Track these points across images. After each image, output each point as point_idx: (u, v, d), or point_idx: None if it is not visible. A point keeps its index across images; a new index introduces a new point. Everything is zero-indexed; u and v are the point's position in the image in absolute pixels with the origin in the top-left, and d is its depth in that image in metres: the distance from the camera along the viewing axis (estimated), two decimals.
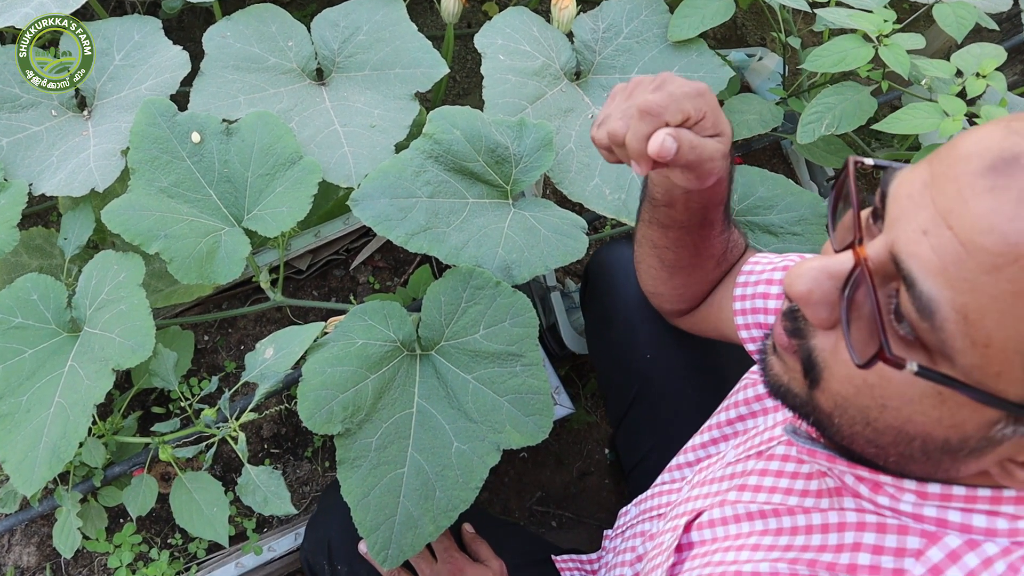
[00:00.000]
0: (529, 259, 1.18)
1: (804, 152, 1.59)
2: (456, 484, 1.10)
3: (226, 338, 1.51)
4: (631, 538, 1.11)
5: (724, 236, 1.01)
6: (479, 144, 1.19)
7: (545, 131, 1.22)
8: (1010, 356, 0.51)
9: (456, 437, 1.12)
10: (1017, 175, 0.50)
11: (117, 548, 1.31)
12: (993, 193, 0.50)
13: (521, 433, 1.13)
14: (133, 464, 1.31)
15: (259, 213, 1.22)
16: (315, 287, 1.56)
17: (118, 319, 1.12)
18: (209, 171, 1.23)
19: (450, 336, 1.15)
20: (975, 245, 0.50)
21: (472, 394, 1.14)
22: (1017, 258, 0.49)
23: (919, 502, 0.63)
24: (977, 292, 0.51)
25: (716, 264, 1.03)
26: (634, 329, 1.18)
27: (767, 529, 0.75)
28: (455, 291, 1.14)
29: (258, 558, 1.35)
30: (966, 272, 0.51)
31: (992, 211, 0.50)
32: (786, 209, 1.34)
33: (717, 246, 1.01)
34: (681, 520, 0.88)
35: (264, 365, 1.16)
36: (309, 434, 1.48)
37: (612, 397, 1.28)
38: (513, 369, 1.14)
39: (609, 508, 1.78)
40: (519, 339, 1.14)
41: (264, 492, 1.14)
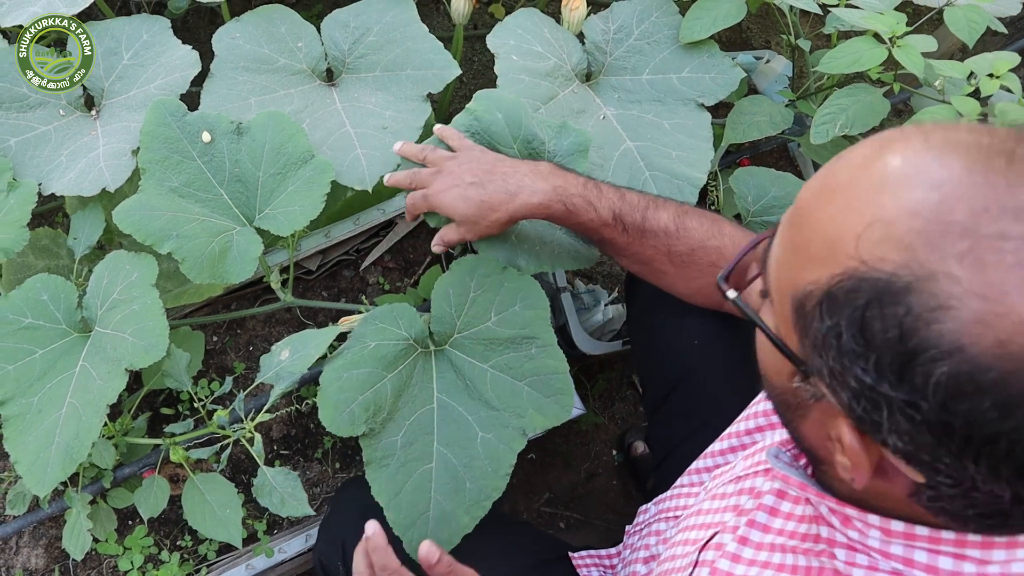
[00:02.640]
0: (539, 253, 1.17)
1: (812, 154, 1.58)
2: (485, 474, 1.11)
3: (235, 339, 1.49)
4: (646, 536, 1.10)
5: (644, 242, 1.06)
6: (517, 132, 1.17)
7: (584, 138, 1.20)
8: (786, 302, 0.59)
9: (480, 427, 1.12)
10: (847, 153, 0.59)
11: (127, 550, 1.28)
12: (820, 174, 0.60)
13: (544, 415, 1.13)
14: (143, 465, 1.29)
15: (271, 212, 1.20)
16: (324, 288, 1.54)
17: (131, 319, 1.10)
18: (220, 171, 1.21)
19: (462, 328, 1.14)
20: (792, 209, 0.61)
21: (490, 382, 1.13)
22: (799, 214, 0.59)
23: (885, 539, 0.63)
24: (781, 243, 0.61)
25: (673, 264, 1.07)
26: (683, 315, 1.16)
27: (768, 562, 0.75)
28: (462, 282, 1.14)
29: (269, 560, 1.33)
30: (782, 227, 0.61)
31: (816, 178, 0.60)
32: None
33: (646, 251, 1.07)
34: (692, 534, 0.89)
35: (280, 367, 1.15)
36: (319, 435, 1.46)
37: (651, 385, 1.26)
38: (529, 352, 1.14)
39: (617, 509, 1.77)
40: (531, 321, 1.14)
41: (281, 493, 1.13)
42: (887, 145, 0.56)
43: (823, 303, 0.55)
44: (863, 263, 0.52)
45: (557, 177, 1.06)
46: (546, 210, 1.05)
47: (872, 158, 0.56)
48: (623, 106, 1.41)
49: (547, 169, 1.07)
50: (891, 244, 0.51)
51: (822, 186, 0.58)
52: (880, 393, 0.52)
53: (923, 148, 0.54)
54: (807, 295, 0.56)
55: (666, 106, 1.40)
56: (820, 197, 0.57)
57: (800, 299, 0.57)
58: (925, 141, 0.54)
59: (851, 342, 0.53)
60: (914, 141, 0.55)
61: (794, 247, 0.59)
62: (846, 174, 0.57)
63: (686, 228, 1.06)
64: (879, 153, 0.56)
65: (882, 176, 0.54)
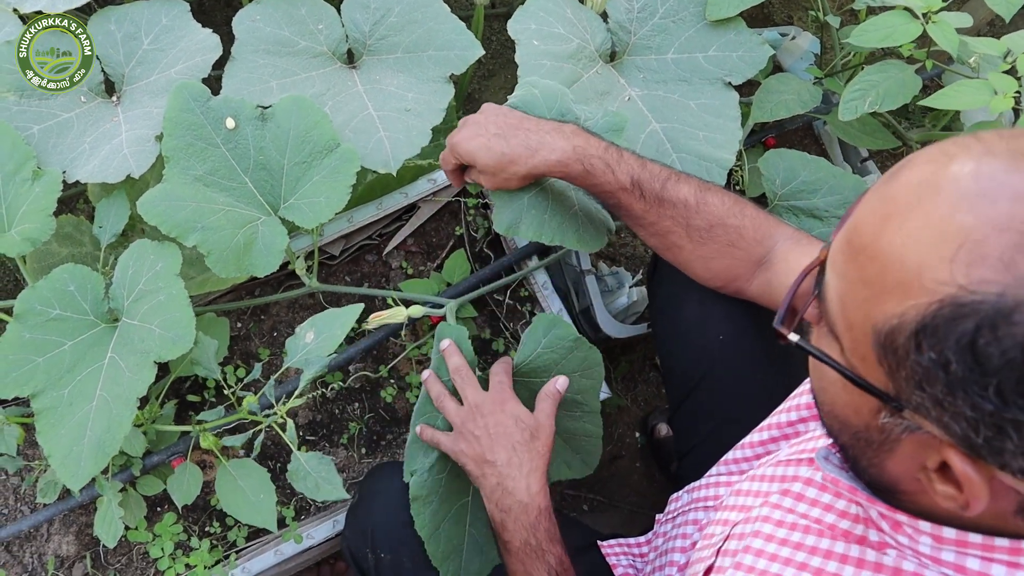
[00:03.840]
0: (545, 223, 1.17)
1: (839, 132, 1.57)
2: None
3: (259, 325, 1.49)
4: (682, 525, 1.10)
5: (662, 212, 1.06)
6: (553, 106, 1.17)
7: (620, 118, 1.20)
8: (866, 338, 0.56)
9: None
10: (897, 176, 0.56)
11: (158, 537, 1.29)
12: (872, 194, 0.58)
13: (570, 468, 1.23)
14: (172, 453, 1.29)
15: (296, 203, 1.20)
16: (347, 272, 1.54)
17: (157, 310, 1.10)
18: (244, 158, 1.20)
19: (519, 375, 1.15)
20: (851, 237, 0.58)
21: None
22: (864, 247, 0.56)
23: (936, 546, 0.63)
24: (846, 278, 0.58)
25: (691, 239, 1.06)
26: (708, 308, 1.15)
27: (802, 544, 0.76)
28: (534, 336, 1.15)
29: (297, 546, 1.34)
30: (841, 261, 0.59)
31: (868, 206, 0.57)
32: (829, 192, 1.32)
33: (663, 222, 1.06)
34: (731, 515, 0.88)
35: (306, 350, 1.15)
36: (344, 421, 1.47)
37: (675, 377, 1.25)
38: (573, 414, 1.20)
39: (641, 491, 1.78)
40: (585, 389, 1.19)
41: (315, 478, 1.14)
42: (946, 161, 0.54)
43: (919, 335, 0.52)
44: (961, 288, 0.50)
45: (579, 137, 1.06)
46: (564, 168, 1.06)
47: (934, 175, 0.53)
48: (648, 87, 1.39)
49: (570, 129, 1.08)
50: (988, 264, 0.49)
51: (883, 211, 0.55)
52: (1006, 418, 0.50)
53: (990, 159, 0.52)
54: (896, 329, 0.53)
55: (692, 86, 1.38)
56: (885, 223, 0.55)
57: (886, 333, 0.54)
58: (989, 152, 0.53)
59: (964, 371, 0.50)
60: (976, 152, 0.53)
61: (864, 280, 0.56)
62: (908, 195, 0.54)
63: (706, 203, 1.05)
64: (940, 170, 0.53)
65: (954, 193, 0.52)
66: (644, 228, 1.09)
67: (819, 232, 1.31)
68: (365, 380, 1.49)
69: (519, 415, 1.05)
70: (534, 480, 1.02)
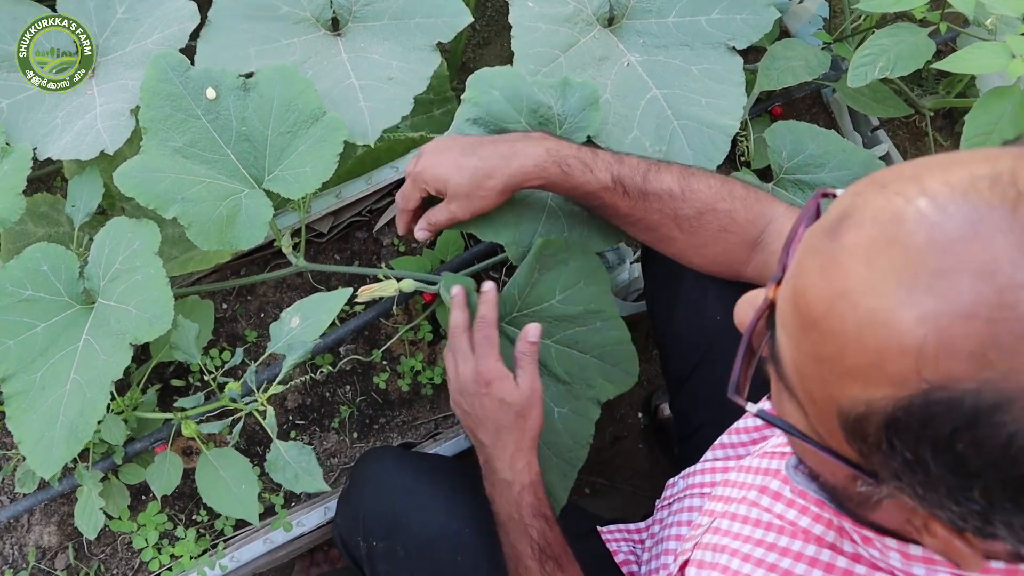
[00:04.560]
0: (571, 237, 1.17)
1: (849, 100, 1.53)
2: (568, 447, 1.16)
3: (245, 306, 1.46)
4: (678, 512, 1.08)
5: (648, 206, 1.03)
6: (520, 104, 1.14)
7: (590, 90, 1.16)
8: (830, 416, 0.52)
9: (555, 403, 1.16)
10: (841, 235, 0.50)
11: (142, 527, 1.26)
12: (816, 254, 0.51)
13: (613, 383, 1.19)
14: (154, 440, 1.26)
15: (281, 174, 1.16)
16: (337, 251, 1.50)
17: (134, 290, 1.06)
18: (226, 130, 1.17)
19: (523, 307, 1.16)
20: (798, 303, 0.52)
21: (556, 358, 1.16)
22: (816, 322, 0.50)
23: (906, 561, 0.62)
24: (800, 349, 0.53)
25: (681, 229, 1.03)
26: (704, 287, 1.11)
27: (775, 545, 0.76)
28: (529, 264, 1.14)
29: (287, 534, 1.31)
30: (792, 328, 0.53)
31: (813, 270, 0.51)
32: (837, 167, 1.28)
33: (651, 216, 1.03)
34: (717, 506, 0.89)
35: (290, 335, 1.12)
36: (335, 404, 1.44)
37: (673, 359, 1.22)
38: (595, 326, 1.18)
39: (644, 473, 1.75)
40: (596, 296, 1.17)
41: (295, 468, 1.10)
42: (893, 220, 0.48)
43: (890, 430, 0.48)
44: (930, 384, 0.45)
45: (549, 140, 1.04)
46: (542, 172, 1.02)
47: (884, 241, 0.48)
48: (648, 52, 1.34)
49: (538, 135, 1.05)
50: (958, 359, 0.44)
51: (832, 284, 0.50)
52: (995, 517, 0.47)
53: (939, 215, 0.46)
54: (864, 417, 0.49)
55: (694, 51, 1.34)
56: (836, 301, 0.49)
57: (853, 419, 0.50)
58: (934, 202, 0.46)
59: (944, 473, 0.47)
60: (922, 206, 0.47)
61: (819, 357, 0.51)
62: (858, 267, 0.48)
63: (692, 190, 1.02)
64: (889, 233, 0.47)
65: (906, 269, 0.46)
66: (633, 225, 1.07)
67: None
68: (357, 363, 1.46)
69: (504, 395, 1.03)
70: (518, 458, 1.03)
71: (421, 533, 1.09)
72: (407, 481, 1.14)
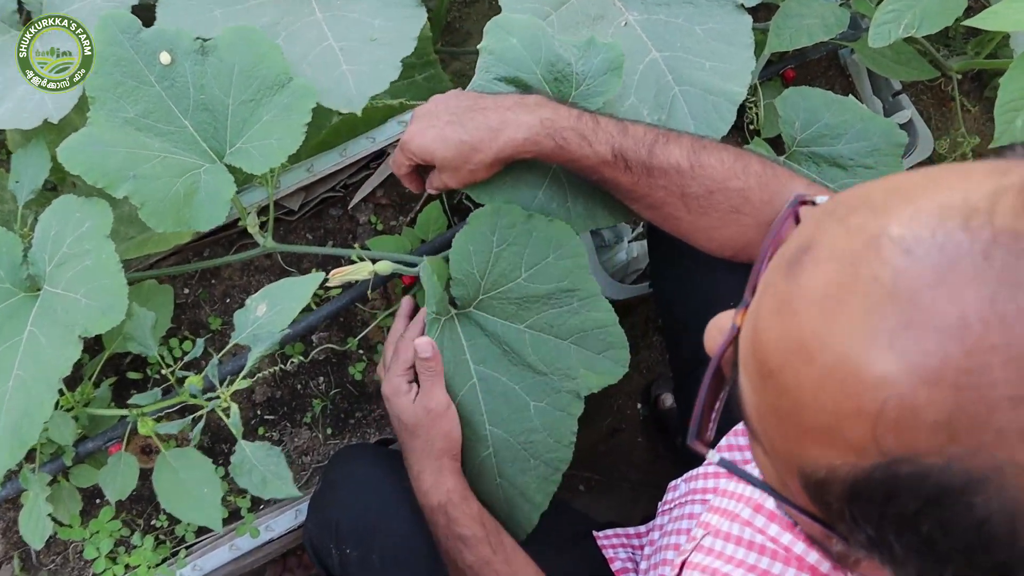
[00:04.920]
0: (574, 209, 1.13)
1: (869, 62, 1.49)
2: (548, 447, 1.10)
3: (209, 290, 1.41)
4: (679, 519, 1.05)
5: (652, 182, 0.99)
6: (537, 54, 1.10)
7: (615, 53, 1.11)
8: (792, 474, 0.49)
9: (530, 396, 1.10)
10: (797, 273, 0.47)
11: (94, 535, 1.22)
12: (772, 293, 0.49)
13: (598, 374, 1.11)
14: (109, 439, 1.22)
15: (244, 146, 1.13)
16: (309, 229, 1.46)
17: (83, 277, 1.02)
18: (183, 98, 1.13)
19: (488, 288, 1.11)
20: (755, 347, 0.49)
21: (531, 344, 1.11)
22: (772, 373, 0.47)
23: None
24: (759, 397, 0.50)
25: (689, 209, 1.00)
26: (713, 268, 1.08)
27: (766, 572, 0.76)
28: (482, 237, 1.09)
29: (255, 539, 1.28)
30: (751, 373, 0.50)
31: (769, 312, 0.48)
32: (856, 138, 1.25)
33: (656, 193, 1.00)
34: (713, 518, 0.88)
35: (256, 324, 1.08)
36: (307, 398, 1.40)
37: (680, 345, 1.20)
38: (571, 306, 1.11)
39: (643, 468, 1.74)
40: (569, 272, 1.10)
41: (262, 472, 1.06)
42: (850, 262, 0.44)
43: (851, 501, 0.46)
44: (891, 458, 0.42)
45: (545, 109, 0.99)
46: (534, 146, 0.99)
47: (839, 286, 0.44)
48: (648, 10, 1.29)
49: (534, 101, 1.01)
50: (921, 429, 0.41)
51: (786, 333, 0.47)
52: None
53: (903, 260, 0.42)
54: (825, 483, 0.47)
55: (699, 8, 1.29)
56: (791, 353, 0.46)
57: (815, 483, 0.48)
58: (898, 242, 0.43)
59: (911, 554, 0.44)
60: (884, 246, 0.43)
61: (778, 411, 0.48)
62: (812, 316, 0.45)
63: (702, 165, 0.98)
64: (846, 276, 0.44)
65: (864, 321, 0.43)
66: (636, 202, 1.04)
67: (842, 184, 1.24)
68: (331, 352, 1.42)
69: (399, 412, 1.05)
70: (423, 479, 1.03)
71: (398, 540, 1.08)
72: (384, 482, 1.13)
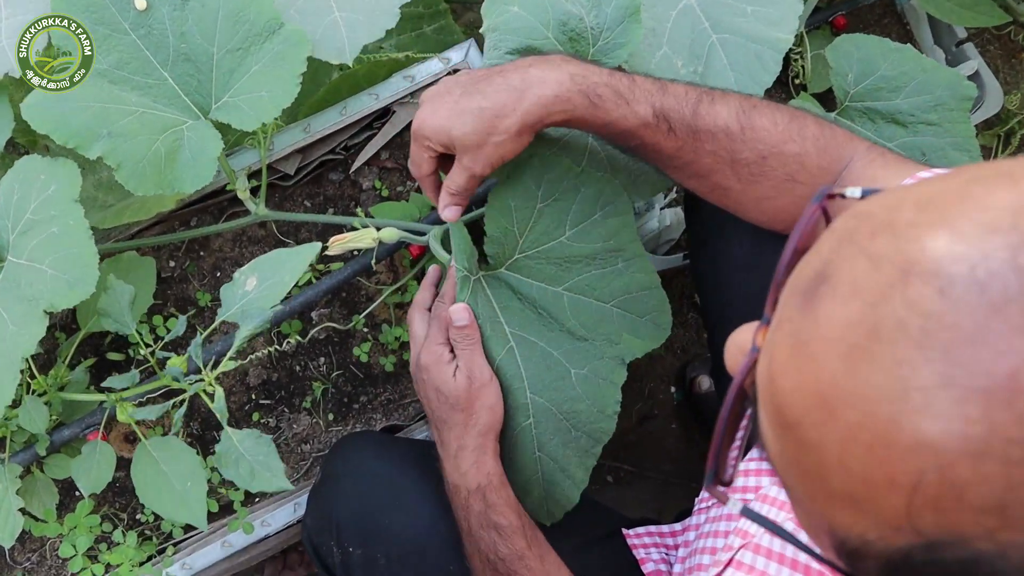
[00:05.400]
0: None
1: (929, 7, 1.46)
2: (590, 417, 1.10)
3: (197, 263, 1.39)
4: (716, 520, 1.03)
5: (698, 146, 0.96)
6: (545, 15, 1.07)
7: None
8: (822, 530, 0.48)
9: (570, 363, 1.10)
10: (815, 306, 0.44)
11: (72, 530, 1.20)
12: (788, 327, 0.46)
13: (641, 338, 1.12)
14: (86, 426, 1.20)
15: (231, 100, 1.12)
16: (307, 196, 1.43)
17: (49, 245, 1.01)
18: (162, 47, 1.12)
19: (526, 247, 1.10)
20: (772, 392, 0.47)
21: (570, 308, 1.11)
22: (791, 426, 0.45)
23: None
24: (780, 446, 0.47)
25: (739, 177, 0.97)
26: (761, 238, 1.04)
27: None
28: (526, 191, 1.08)
29: (249, 535, 1.26)
30: (770, 418, 0.48)
31: (784, 350, 0.46)
32: (917, 91, 1.20)
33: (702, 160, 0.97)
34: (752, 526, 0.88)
35: (245, 300, 1.07)
36: (306, 381, 1.37)
37: (719, 322, 1.17)
38: (616, 267, 1.11)
39: (677, 458, 1.73)
40: (616, 230, 1.10)
41: (250, 463, 1.04)
42: (875, 299, 0.41)
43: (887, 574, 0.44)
44: (927, 539, 0.40)
45: (572, 64, 0.95)
46: (565, 105, 0.94)
47: (863, 328, 0.41)
48: None
49: (558, 57, 0.97)
50: (967, 511, 0.38)
51: (804, 380, 0.44)
52: None
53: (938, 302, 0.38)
54: (857, 552, 0.45)
55: None
56: (811, 405, 0.43)
57: (849, 551, 0.46)
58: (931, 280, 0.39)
59: None
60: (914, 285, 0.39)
61: (801, 466, 0.46)
62: (832, 363, 0.42)
63: (753, 128, 0.94)
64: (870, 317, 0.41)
65: (893, 375, 0.39)
66: (679, 170, 1.01)
67: (901, 143, 1.21)
68: (332, 331, 1.40)
69: (440, 384, 1.03)
70: (463, 458, 1.01)
71: (406, 537, 1.07)
72: (391, 473, 1.12)
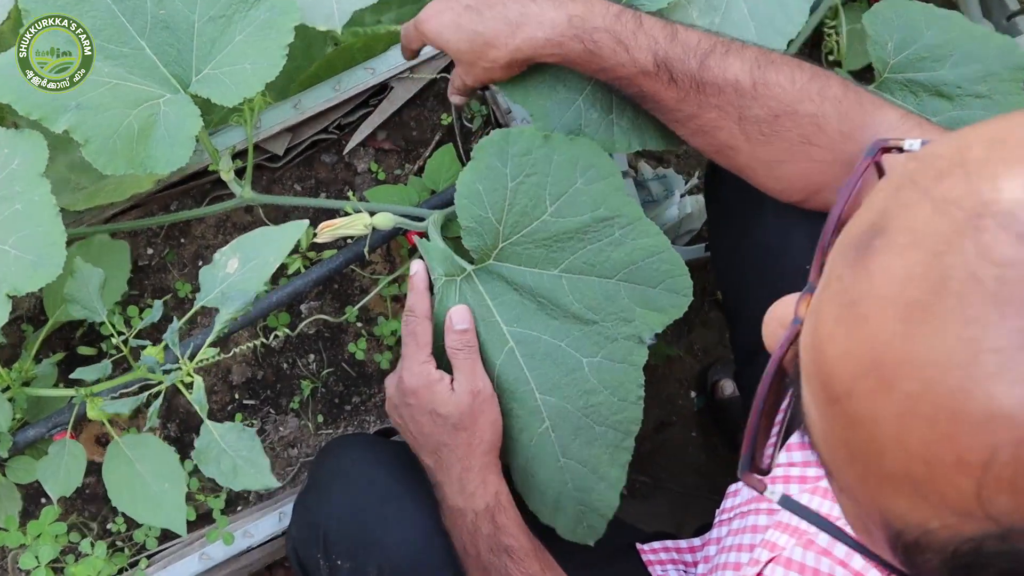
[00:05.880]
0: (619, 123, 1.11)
1: None
2: (613, 407, 1.08)
3: (177, 251, 1.38)
4: (740, 532, 1.02)
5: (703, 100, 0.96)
6: None
7: None
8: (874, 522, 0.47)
9: (581, 352, 1.09)
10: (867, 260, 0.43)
11: (35, 539, 1.20)
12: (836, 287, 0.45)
13: (658, 311, 1.08)
14: (53, 425, 1.19)
15: (213, 72, 1.13)
16: (297, 179, 1.42)
17: (12, 224, 1.01)
18: (139, 14, 1.13)
19: (509, 232, 1.08)
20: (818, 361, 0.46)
21: (570, 291, 1.08)
22: (839, 398, 0.44)
23: None
24: (827, 423, 0.46)
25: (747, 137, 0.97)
26: (788, 227, 1.04)
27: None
28: (493, 170, 1.07)
29: (230, 547, 1.25)
30: (815, 392, 0.47)
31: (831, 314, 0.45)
32: (964, 61, 1.18)
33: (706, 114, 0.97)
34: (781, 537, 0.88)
35: (227, 282, 1.07)
36: (295, 379, 1.37)
37: (743, 320, 1.17)
38: (612, 237, 1.07)
39: (697, 469, 1.73)
40: (604, 197, 1.07)
41: (232, 458, 1.04)
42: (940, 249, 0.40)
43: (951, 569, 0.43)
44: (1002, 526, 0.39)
45: (576, 4, 0.96)
46: (557, 48, 0.96)
47: (926, 283, 0.40)
48: None
49: None
50: None
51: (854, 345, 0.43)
52: None
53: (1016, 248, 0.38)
54: (915, 545, 0.44)
55: None
56: (861, 373, 0.42)
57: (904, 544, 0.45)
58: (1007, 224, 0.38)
59: None
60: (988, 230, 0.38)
61: (850, 445, 0.44)
62: (888, 323, 0.41)
63: (767, 84, 0.93)
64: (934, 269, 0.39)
65: (963, 334, 0.38)
66: (682, 124, 1.01)
67: (947, 118, 1.18)
68: (324, 325, 1.40)
69: (436, 406, 1.02)
70: (468, 479, 1.01)
71: (400, 550, 1.08)
72: (384, 480, 1.12)
